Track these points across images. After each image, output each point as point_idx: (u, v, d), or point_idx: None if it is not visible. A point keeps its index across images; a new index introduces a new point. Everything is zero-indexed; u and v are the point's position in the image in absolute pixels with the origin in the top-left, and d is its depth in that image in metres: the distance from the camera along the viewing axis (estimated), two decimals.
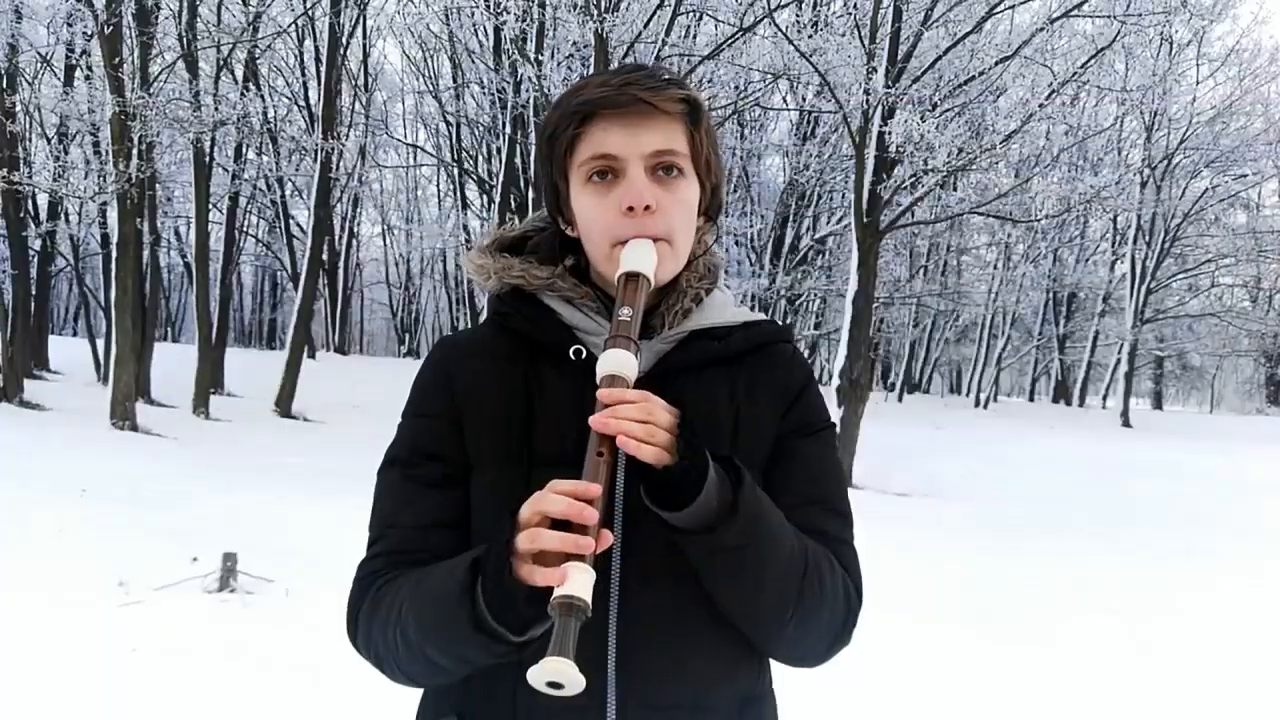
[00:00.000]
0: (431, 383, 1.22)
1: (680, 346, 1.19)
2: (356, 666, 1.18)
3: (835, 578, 1.15)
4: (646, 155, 1.13)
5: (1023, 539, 9.04)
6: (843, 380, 12.84)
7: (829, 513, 1.20)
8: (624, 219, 1.12)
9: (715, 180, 1.21)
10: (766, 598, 1.09)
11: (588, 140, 1.13)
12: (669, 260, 1.16)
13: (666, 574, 1.10)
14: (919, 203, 14.00)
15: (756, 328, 1.24)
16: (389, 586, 1.12)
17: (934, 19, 13.05)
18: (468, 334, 1.27)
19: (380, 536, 1.18)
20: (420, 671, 1.10)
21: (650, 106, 1.12)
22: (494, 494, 1.14)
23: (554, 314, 1.19)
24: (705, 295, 1.23)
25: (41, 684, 3.92)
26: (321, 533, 6.57)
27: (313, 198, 18.02)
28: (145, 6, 14.62)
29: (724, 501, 1.03)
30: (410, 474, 1.18)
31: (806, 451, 1.21)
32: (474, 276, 1.26)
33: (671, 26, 13.62)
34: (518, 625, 0.98)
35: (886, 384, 34.83)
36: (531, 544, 0.95)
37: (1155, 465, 16.02)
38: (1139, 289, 27.59)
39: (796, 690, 1.50)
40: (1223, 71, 26.86)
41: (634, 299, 1.10)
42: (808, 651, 1.17)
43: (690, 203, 1.17)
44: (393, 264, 40.08)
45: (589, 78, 1.17)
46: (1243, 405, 47.18)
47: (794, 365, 1.26)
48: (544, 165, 1.20)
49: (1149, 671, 4.96)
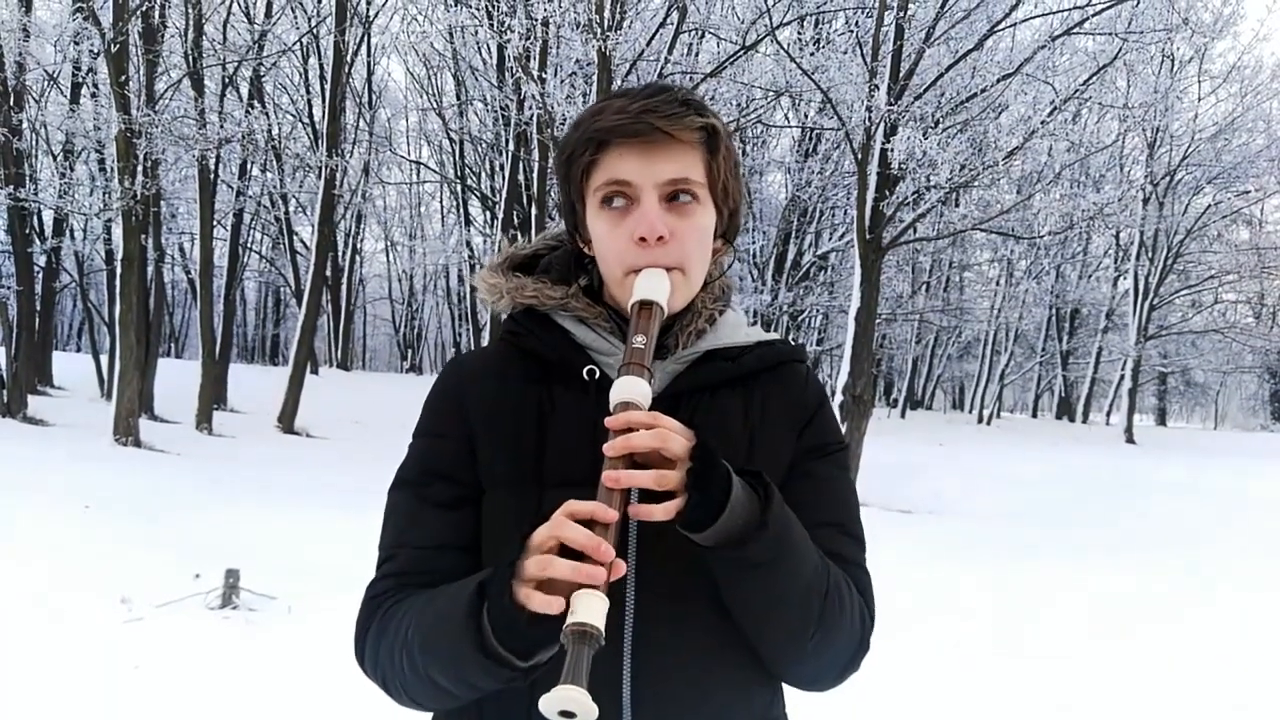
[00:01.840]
0: (443, 403, 1.21)
1: (693, 367, 1.19)
2: (359, 684, 1.17)
3: (852, 600, 1.14)
4: (661, 184, 1.12)
5: (1027, 555, 9.00)
6: (845, 396, 12.82)
7: (844, 536, 1.19)
8: (637, 248, 1.12)
9: (733, 205, 1.20)
10: (790, 615, 1.08)
11: (603, 166, 1.13)
12: (682, 288, 1.15)
13: (680, 599, 1.09)
14: (921, 219, 14.01)
15: (770, 348, 1.24)
16: (397, 608, 1.11)
17: (936, 37, 13.08)
18: (479, 354, 1.26)
19: (390, 557, 1.17)
20: (426, 695, 1.09)
21: (667, 136, 1.11)
22: (505, 516, 1.13)
23: (567, 334, 1.19)
24: (719, 316, 1.23)
25: (43, 701, 3.91)
26: (325, 549, 6.55)
27: (316, 214, 18.05)
28: (151, 25, 14.71)
29: (752, 517, 1.03)
30: (421, 494, 1.17)
31: (821, 474, 1.21)
32: (485, 296, 1.25)
33: (674, 45, 13.69)
34: (523, 650, 0.97)
35: (889, 400, 34.78)
36: (541, 571, 0.94)
37: (1160, 481, 15.96)
38: (1142, 305, 27.56)
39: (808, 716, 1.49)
40: (1224, 88, 26.89)
41: (648, 327, 1.09)
42: (822, 673, 1.16)
43: (705, 229, 1.16)
44: (396, 280, 40.13)
45: (609, 99, 1.15)
46: (1247, 421, 47.11)
47: (808, 386, 1.25)
48: (561, 185, 1.20)
49: (1155, 685, 4.93)
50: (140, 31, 14.31)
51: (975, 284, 32.25)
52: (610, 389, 1.06)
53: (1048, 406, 39.43)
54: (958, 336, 32.70)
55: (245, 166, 22.60)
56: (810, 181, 22.32)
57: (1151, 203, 26.01)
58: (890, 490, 13.14)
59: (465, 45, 24.03)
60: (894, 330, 27.97)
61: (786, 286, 22.47)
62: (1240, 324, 34.43)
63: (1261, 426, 40.48)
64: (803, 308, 23.72)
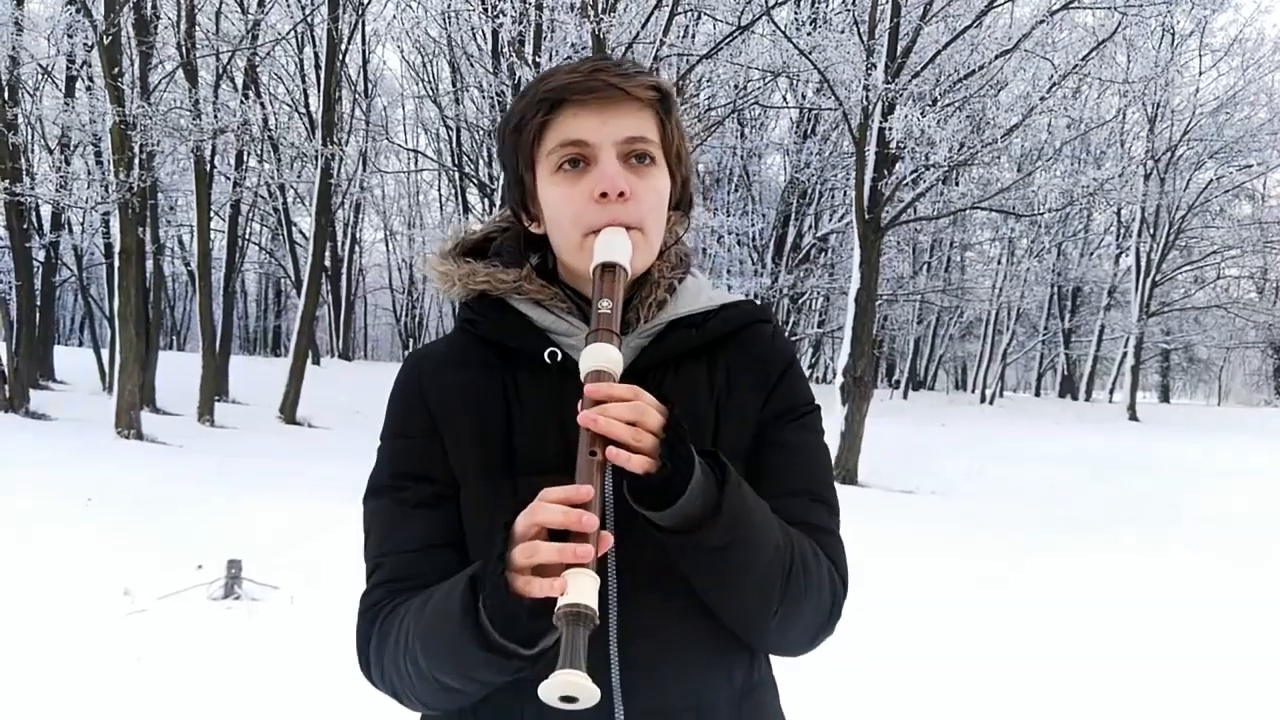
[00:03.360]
0: (405, 401, 1.19)
1: (657, 340, 1.16)
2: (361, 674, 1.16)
3: (820, 570, 1.12)
4: (619, 142, 1.09)
5: (1031, 535, 9.00)
6: (846, 378, 12.81)
7: (814, 503, 1.17)
8: (596, 206, 1.09)
9: (685, 173, 1.18)
10: (750, 595, 1.06)
11: (556, 127, 1.10)
12: (643, 249, 1.12)
13: (661, 574, 1.07)
14: (921, 198, 13.98)
15: (735, 308, 1.21)
16: (393, 616, 1.10)
17: (933, 13, 13.01)
18: (436, 346, 1.23)
19: (377, 566, 1.15)
20: (438, 699, 1.07)
21: (621, 92, 1.08)
22: (482, 508, 1.11)
23: (524, 318, 1.16)
24: (678, 284, 1.20)
25: (47, 693, 3.91)
26: (326, 540, 6.55)
27: (314, 204, 18.03)
28: (144, 16, 14.66)
29: (708, 500, 1.01)
30: (398, 498, 1.15)
31: (790, 439, 1.18)
32: (437, 284, 1.22)
33: (669, 26, 13.59)
34: (526, 639, 0.95)
35: (891, 381, 34.78)
36: (529, 559, 0.93)
37: (1164, 459, 15.95)
38: (1144, 282, 27.50)
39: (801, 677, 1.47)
40: (1226, 62, 26.78)
41: (612, 290, 1.06)
42: (792, 643, 1.15)
43: (662, 192, 1.14)
44: (395, 269, 40.12)
45: (556, 67, 1.13)
46: (1250, 397, 47.08)
47: (774, 346, 1.22)
48: (509, 157, 1.16)
49: (1161, 664, 4.92)
50: (133, 23, 14.25)
51: (976, 263, 32.21)
52: (576, 366, 1.04)
53: (1051, 385, 39.41)
54: (959, 316, 32.66)
55: (242, 157, 22.54)
56: (809, 163, 22.28)
57: (1153, 178, 25.93)
58: (892, 471, 13.14)
59: (459, 31, 23.95)
60: (895, 311, 27.97)
61: (786, 269, 22.45)
62: (1243, 299, 34.42)
63: (1265, 402, 40.45)
64: (803, 290, 23.70)
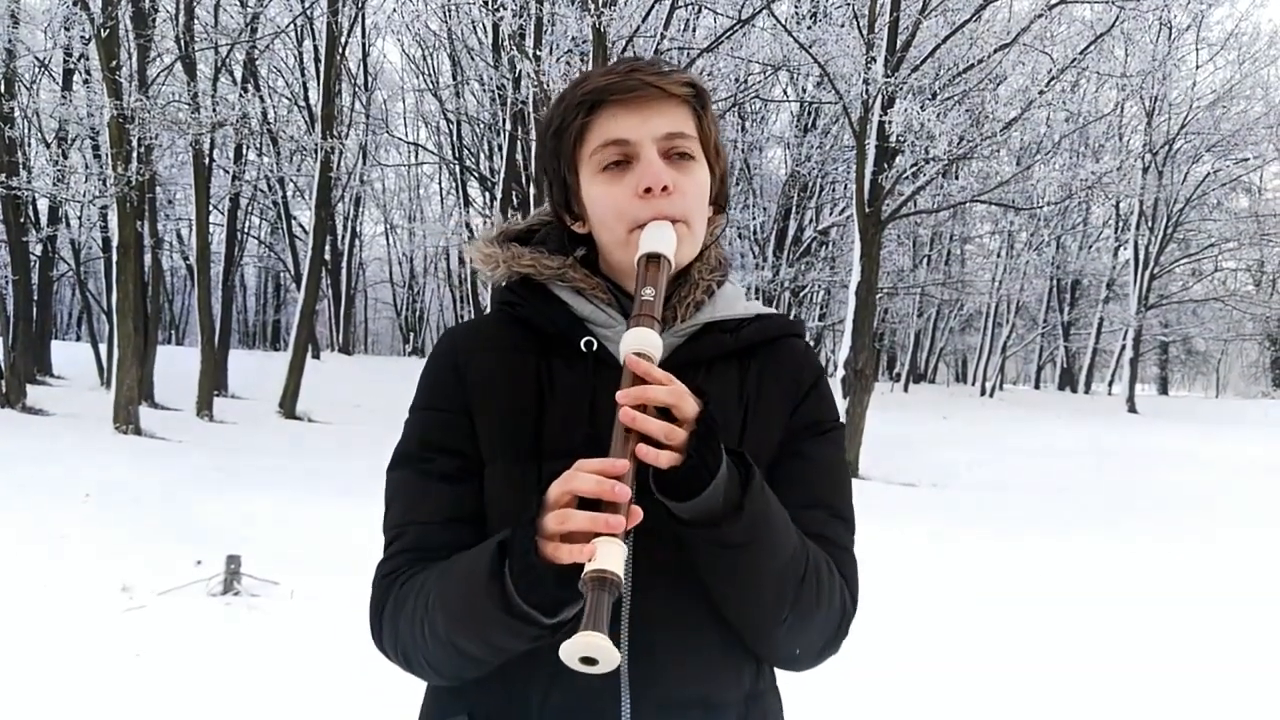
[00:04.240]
0: (439, 375, 1.19)
1: (691, 340, 1.17)
2: (362, 668, 1.16)
3: (833, 585, 1.12)
4: (659, 138, 1.12)
5: (1032, 527, 9.01)
6: (847, 371, 12.82)
7: (832, 518, 1.18)
8: (640, 201, 1.11)
9: (723, 168, 1.21)
10: (762, 598, 1.07)
11: (597, 128, 1.12)
12: (687, 242, 1.14)
13: (677, 567, 1.08)
14: (921, 192, 13.96)
15: (770, 319, 1.23)
16: (412, 583, 1.10)
17: (932, 7, 12.99)
18: (475, 325, 1.25)
19: (398, 535, 1.15)
20: (451, 665, 1.08)
21: (659, 90, 1.11)
22: (506, 489, 1.12)
23: (564, 305, 1.17)
24: (716, 288, 1.21)
25: (45, 690, 3.91)
26: (326, 534, 6.56)
27: (314, 197, 18.00)
28: (142, 9, 14.61)
29: (731, 498, 1.02)
30: (424, 469, 1.16)
31: (814, 453, 1.19)
32: (480, 266, 1.23)
33: (670, 20, 13.58)
34: (549, 606, 0.96)
35: (892, 374, 34.77)
36: (560, 525, 0.94)
37: (1163, 451, 15.97)
38: (1142, 274, 27.53)
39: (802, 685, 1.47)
40: (1222, 56, 26.79)
41: (656, 279, 1.08)
42: (796, 655, 1.15)
43: (704, 187, 1.16)
44: (396, 263, 40.08)
45: (590, 71, 1.16)
46: (1248, 389, 47.07)
47: (805, 361, 1.24)
48: (550, 161, 1.18)
49: (1162, 656, 4.93)
50: (131, 16, 14.20)
51: (976, 256, 32.19)
52: (611, 356, 1.06)
53: (1050, 378, 39.42)
54: (959, 309, 32.64)
55: (241, 150, 22.48)
56: (810, 156, 22.24)
57: (1151, 172, 25.94)
58: (893, 464, 13.15)
59: (460, 24, 23.87)
60: (896, 304, 27.93)
61: (788, 262, 22.42)
62: (1240, 291, 34.41)
63: (1263, 394, 40.38)
64: (804, 283, 23.67)
